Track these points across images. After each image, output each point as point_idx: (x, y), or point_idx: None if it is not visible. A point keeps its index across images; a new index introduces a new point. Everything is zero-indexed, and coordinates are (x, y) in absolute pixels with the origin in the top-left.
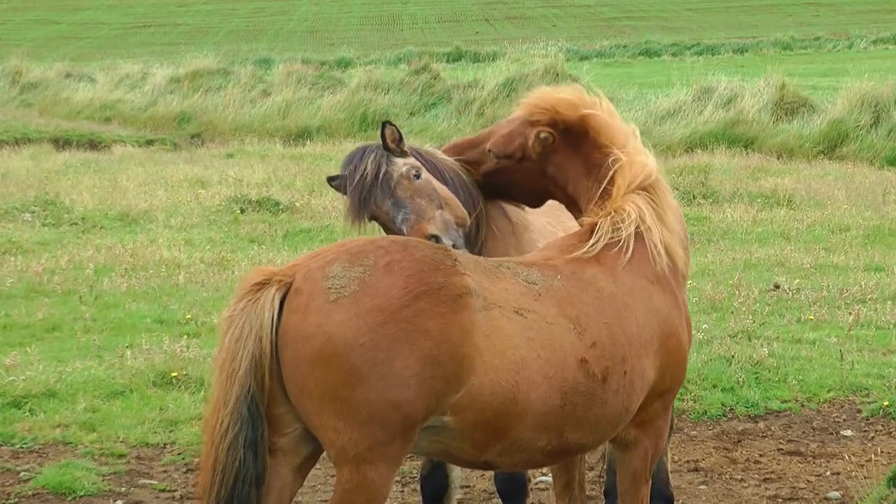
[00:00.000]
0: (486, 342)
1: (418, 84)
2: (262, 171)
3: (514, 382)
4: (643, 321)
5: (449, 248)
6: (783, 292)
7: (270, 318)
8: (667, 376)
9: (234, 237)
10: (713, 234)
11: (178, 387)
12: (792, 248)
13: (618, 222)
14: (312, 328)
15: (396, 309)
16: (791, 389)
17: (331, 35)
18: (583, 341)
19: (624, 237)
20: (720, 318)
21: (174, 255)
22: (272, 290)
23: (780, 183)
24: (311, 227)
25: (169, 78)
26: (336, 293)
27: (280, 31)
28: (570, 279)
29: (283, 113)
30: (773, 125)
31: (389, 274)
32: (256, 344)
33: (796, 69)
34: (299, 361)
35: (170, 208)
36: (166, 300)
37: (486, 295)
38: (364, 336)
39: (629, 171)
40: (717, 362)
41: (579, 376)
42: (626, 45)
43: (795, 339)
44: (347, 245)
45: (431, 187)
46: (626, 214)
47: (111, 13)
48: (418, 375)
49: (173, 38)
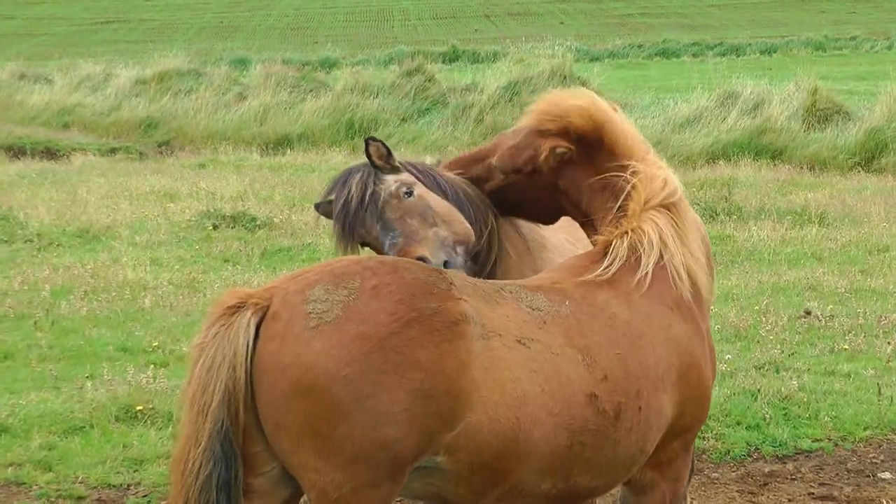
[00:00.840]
0: (485, 375)
1: (410, 87)
2: (237, 183)
3: (515, 420)
4: (661, 352)
5: (444, 271)
6: (815, 319)
7: (245, 346)
8: (687, 413)
9: (205, 256)
10: (737, 255)
11: (144, 422)
12: (825, 271)
13: (635, 243)
14: (290, 357)
15: (384, 337)
16: (823, 427)
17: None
18: (593, 374)
19: (642, 260)
20: (745, 347)
21: (139, 275)
22: (247, 315)
23: (811, 198)
24: (292, 245)
25: (134, 79)
26: (317, 319)
27: (258, 28)
28: (580, 305)
29: (260, 119)
30: (804, 134)
31: (377, 298)
32: (230, 374)
33: (830, 72)
34: (276, 394)
35: (135, 224)
36: (131, 326)
37: (484, 322)
38: (348, 367)
39: (649, 186)
40: (741, 397)
41: (588, 413)
42: (641, 44)
43: (828, 372)
44: (332, 266)
45: (425, 204)
46: (645, 235)
47: (71, 7)
48: (408, 411)
49: (139, 35)
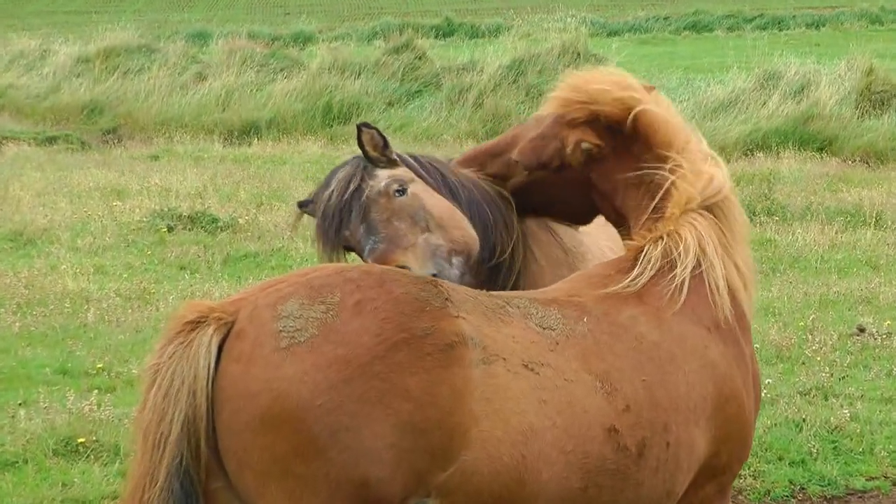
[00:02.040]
0: (485, 406)
1: (398, 66)
2: (195, 178)
3: (520, 458)
4: (694, 379)
5: (440, 283)
6: (869, 337)
7: (207, 368)
8: (723, 451)
9: (158, 263)
10: (780, 263)
11: (87, 456)
12: (881, 281)
13: (670, 250)
14: (257, 383)
15: (367, 361)
16: (879, 463)
17: (285, 2)
18: (613, 404)
19: (678, 272)
20: (788, 370)
21: (81, 285)
22: (209, 332)
23: (865, 196)
24: (259, 250)
25: (75, 57)
26: (289, 338)
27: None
28: (600, 322)
29: (223, 103)
30: (857, 122)
31: (360, 316)
32: (190, 401)
33: (888, 49)
34: (240, 426)
35: (76, 226)
36: (71, 344)
37: (486, 344)
38: (324, 395)
39: (690, 183)
40: (784, 427)
41: (607, 450)
42: (667, 16)
43: (885, 399)
44: (309, 276)
45: (419, 205)
46: (683, 241)
47: None
48: (394, 447)
49: (81, 5)
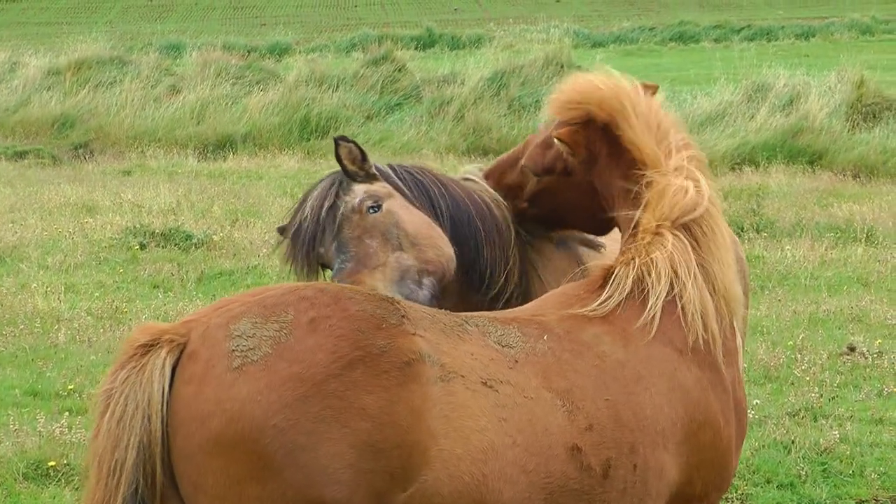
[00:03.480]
0: (444, 424)
1: (377, 78)
2: (168, 194)
3: (481, 478)
4: (662, 402)
5: (397, 301)
6: (860, 357)
7: (161, 392)
8: (697, 479)
9: (131, 281)
10: (768, 280)
11: (57, 480)
12: (872, 298)
13: (643, 275)
14: (210, 404)
15: (322, 379)
16: (869, 485)
17: (261, 12)
18: (574, 423)
19: (649, 299)
20: (776, 390)
21: (52, 304)
22: (161, 354)
23: (857, 211)
24: (234, 268)
25: (46, 69)
26: (241, 357)
27: (194, 8)
28: (562, 341)
29: (197, 116)
30: (847, 135)
31: (314, 334)
32: (145, 426)
33: (879, 60)
34: (193, 448)
35: (46, 243)
36: (41, 365)
37: (443, 361)
38: (278, 414)
39: (664, 199)
40: (772, 449)
41: (570, 469)
42: (653, 27)
43: (875, 420)
44: (262, 294)
45: (392, 222)
46: (654, 267)
47: None
48: (353, 467)
49: (52, 16)
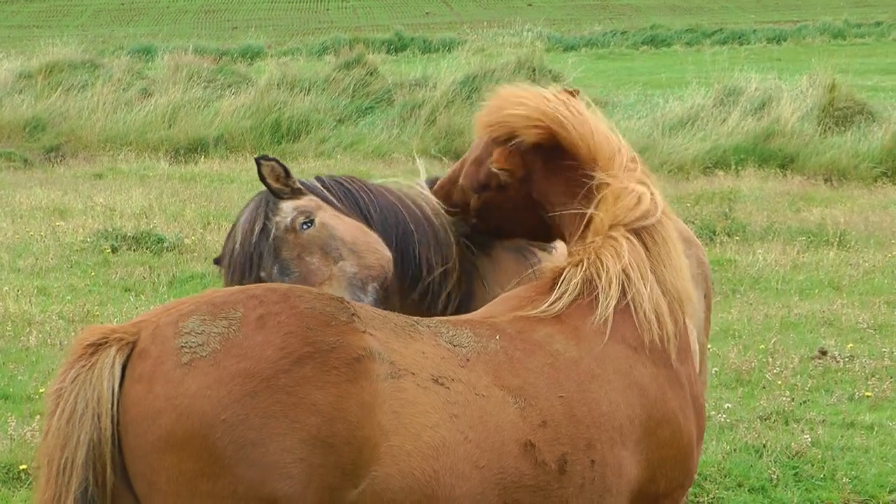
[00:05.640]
0: (394, 420)
1: (349, 82)
2: (140, 197)
3: (433, 473)
4: (618, 399)
5: (345, 300)
6: (832, 361)
7: (111, 391)
8: (660, 477)
9: (102, 285)
10: (740, 283)
11: (29, 484)
12: (843, 302)
13: (592, 277)
14: (160, 402)
15: (271, 375)
16: (841, 489)
17: (233, 16)
18: (527, 419)
19: (599, 301)
20: (748, 394)
21: (23, 308)
22: (111, 353)
23: (828, 215)
24: (206, 271)
25: (17, 72)
26: (190, 353)
27: (165, 11)
28: (514, 340)
29: (169, 120)
30: (819, 138)
31: (262, 330)
32: (94, 424)
33: (851, 64)
34: (145, 446)
35: (18, 246)
36: (12, 368)
37: (393, 359)
38: (228, 409)
39: (616, 203)
40: (743, 453)
41: (524, 465)
42: (625, 31)
43: (847, 423)
44: (212, 294)
45: (328, 234)
46: (605, 269)
47: None
48: (303, 462)
49: (23, 19)
